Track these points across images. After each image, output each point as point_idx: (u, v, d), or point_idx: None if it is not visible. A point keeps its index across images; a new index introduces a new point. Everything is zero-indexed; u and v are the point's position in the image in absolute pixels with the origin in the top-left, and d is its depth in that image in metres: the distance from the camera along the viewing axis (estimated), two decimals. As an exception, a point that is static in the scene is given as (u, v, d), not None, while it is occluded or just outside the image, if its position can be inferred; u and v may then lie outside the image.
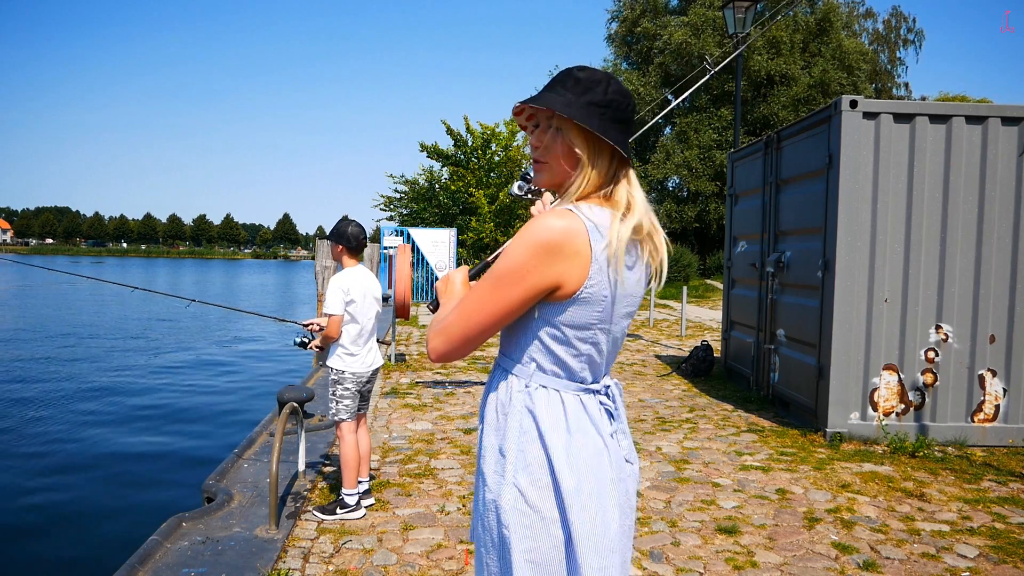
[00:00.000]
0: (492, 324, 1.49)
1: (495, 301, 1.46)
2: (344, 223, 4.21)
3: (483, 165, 22.83)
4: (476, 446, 1.69)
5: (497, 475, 1.51)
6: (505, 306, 1.46)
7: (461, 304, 1.51)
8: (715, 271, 28.46)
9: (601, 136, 1.47)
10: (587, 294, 1.46)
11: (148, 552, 3.51)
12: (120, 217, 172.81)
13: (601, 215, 1.48)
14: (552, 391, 1.52)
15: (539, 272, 1.43)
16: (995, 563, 3.64)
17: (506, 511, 1.47)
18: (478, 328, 1.49)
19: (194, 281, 50.09)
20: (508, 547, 1.47)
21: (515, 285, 1.44)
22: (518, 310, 1.48)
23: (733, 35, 11.50)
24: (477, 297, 1.48)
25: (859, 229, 5.78)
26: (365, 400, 4.34)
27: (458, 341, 1.50)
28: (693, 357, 9.15)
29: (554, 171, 1.54)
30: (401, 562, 3.57)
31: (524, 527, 1.46)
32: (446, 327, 1.51)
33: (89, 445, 8.23)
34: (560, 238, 1.42)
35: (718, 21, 27.31)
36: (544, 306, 1.49)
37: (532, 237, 1.43)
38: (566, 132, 1.50)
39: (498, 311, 1.47)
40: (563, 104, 1.47)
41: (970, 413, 5.83)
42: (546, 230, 1.43)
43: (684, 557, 3.68)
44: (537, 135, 1.55)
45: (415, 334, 12.93)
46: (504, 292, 1.45)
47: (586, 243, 1.44)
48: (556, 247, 1.42)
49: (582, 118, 1.46)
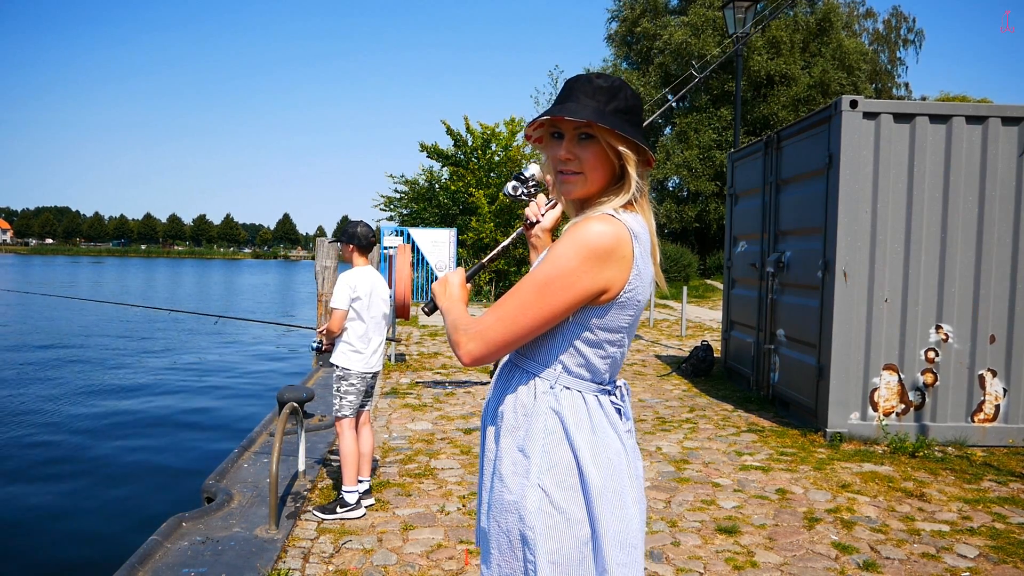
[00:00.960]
0: (536, 328, 1.48)
1: (541, 306, 1.46)
2: (352, 224, 4.38)
3: (483, 165, 22.83)
4: (481, 448, 1.66)
5: (519, 477, 1.51)
6: (551, 311, 1.46)
7: (502, 308, 1.49)
8: (715, 271, 28.47)
9: (638, 142, 1.50)
10: (625, 298, 1.50)
11: (148, 552, 3.51)
12: (120, 217, 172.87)
13: (635, 221, 1.52)
14: (575, 392, 1.54)
15: (589, 278, 1.44)
16: (995, 563, 3.64)
17: (531, 512, 1.48)
18: (522, 332, 1.48)
19: (194, 282, 50.09)
20: (532, 548, 1.47)
21: (564, 291, 1.45)
22: (563, 315, 1.48)
23: (733, 35, 11.51)
24: (520, 301, 1.47)
25: (859, 229, 5.78)
26: (369, 396, 4.38)
27: (498, 344, 1.48)
28: (693, 357, 9.15)
29: (589, 181, 1.54)
30: (401, 562, 3.57)
31: (549, 528, 1.47)
32: (484, 331, 1.48)
33: (89, 445, 8.23)
34: (612, 244, 1.45)
35: (718, 21, 27.32)
36: (583, 309, 1.50)
37: (583, 243, 1.44)
38: (602, 141, 1.50)
39: (543, 316, 1.46)
40: (597, 114, 1.47)
41: (970, 413, 5.83)
42: (598, 236, 1.44)
43: (684, 557, 3.68)
44: (566, 147, 1.53)
45: (415, 334, 12.93)
46: (552, 298, 1.45)
47: (630, 248, 1.48)
48: (607, 253, 1.45)
49: (618, 126, 1.47)
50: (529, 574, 1.48)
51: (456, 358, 1.55)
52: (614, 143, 1.50)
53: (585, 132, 1.50)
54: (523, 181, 1.81)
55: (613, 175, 1.54)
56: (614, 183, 1.55)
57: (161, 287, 41.95)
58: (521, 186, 1.81)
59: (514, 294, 1.49)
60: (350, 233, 4.33)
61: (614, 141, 1.49)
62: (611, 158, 1.51)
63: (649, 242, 1.55)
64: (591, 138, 1.51)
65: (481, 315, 1.51)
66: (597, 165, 1.52)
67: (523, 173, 1.82)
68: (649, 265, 1.54)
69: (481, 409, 1.85)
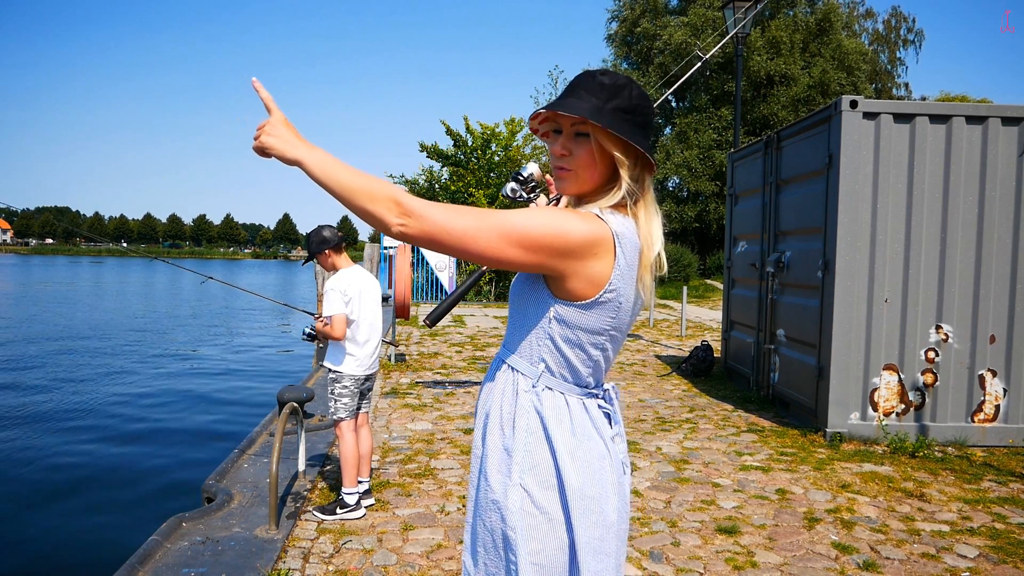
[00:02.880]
0: (466, 253, 1.35)
1: (493, 223, 1.34)
2: (313, 234, 4.21)
3: (483, 165, 22.83)
4: (472, 445, 1.64)
5: (502, 475, 1.49)
6: (494, 255, 1.36)
7: (458, 216, 1.33)
8: (715, 271, 28.45)
9: (632, 143, 1.44)
10: (605, 298, 1.45)
11: (148, 552, 3.51)
12: (120, 217, 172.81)
13: (622, 223, 1.47)
14: (558, 394, 1.51)
15: (545, 254, 1.38)
16: (995, 563, 3.64)
17: (512, 512, 1.45)
18: (458, 231, 1.32)
19: (195, 283, 50.08)
20: (513, 548, 1.45)
21: (520, 247, 1.36)
22: (511, 256, 1.37)
23: (731, 24, 11.52)
24: (480, 211, 1.35)
25: (859, 229, 5.78)
26: (365, 398, 4.35)
27: (428, 236, 1.32)
28: (693, 357, 9.15)
29: (581, 179, 1.50)
30: (401, 562, 3.57)
31: (530, 528, 1.45)
32: (427, 218, 1.30)
33: (89, 445, 8.23)
34: (584, 237, 1.40)
35: (718, 21, 27.31)
36: (562, 307, 1.46)
37: (559, 223, 1.38)
38: (593, 139, 1.46)
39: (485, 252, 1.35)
40: (592, 111, 1.43)
41: (970, 413, 5.83)
42: (571, 226, 1.39)
43: (684, 557, 3.68)
44: (562, 143, 1.49)
45: (415, 334, 12.93)
46: (504, 243, 1.35)
47: (611, 247, 1.43)
48: (577, 244, 1.39)
49: (612, 125, 1.43)
50: (512, 575, 1.46)
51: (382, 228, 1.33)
52: (604, 142, 1.45)
53: (580, 129, 1.47)
54: (521, 182, 1.78)
55: (608, 175, 1.50)
56: (610, 183, 1.51)
57: (161, 289, 41.96)
58: (520, 188, 1.77)
59: (478, 217, 1.35)
60: (317, 241, 4.16)
61: (605, 140, 1.45)
62: (605, 157, 1.47)
63: (638, 247, 1.48)
64: (586, 135, 1.46)
65: (422, 200, 1.33)
66: (589, 163, 1.47)
67: (521, 173, 1.78)
68: (635, 269, 1.48)
69: None
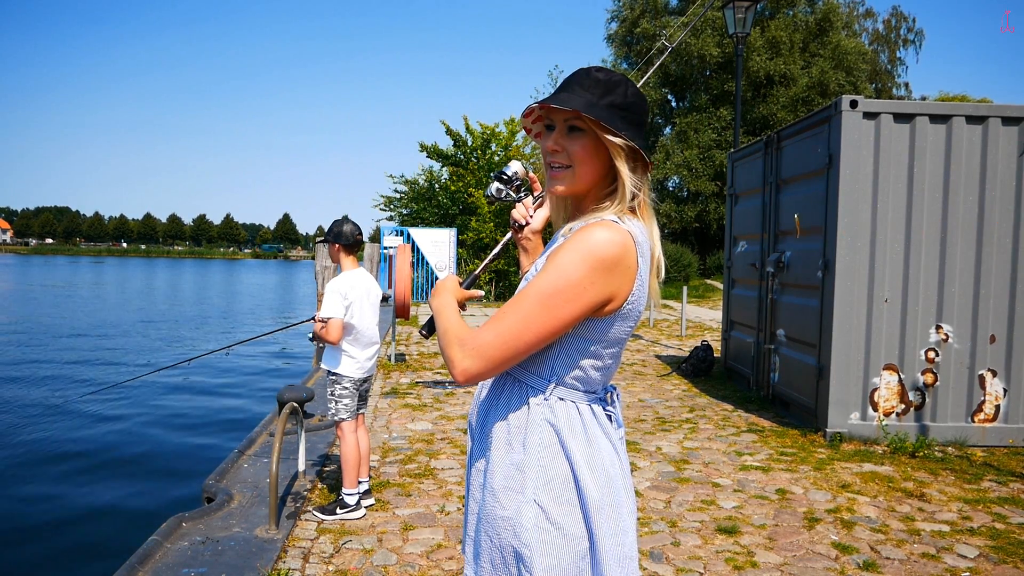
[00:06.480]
0: (538, 344, 1.39)
1: (545, 319, 1.37)
2: (338, 223, 4.27)
3: (483, 165, 22.84)
4: (469, 456, 1.60)
5: (513, 492, 1.45)
6: (556, 325, 1.38)
7: (502, 322, 1.38)
8: (715, 271, 28.46)
9: (627, 139, 1.42)
10: (627, 309, 1.44)
11: (148, 552, 3.51)
12: (120, 217, 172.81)
13: (637, 228, 1.45)
14: (569, 403, 1.47)
15: (596, 288, 1.37)
16: (995, 563, 3.64)
17: (527, 529, 1.42)
18: (524, 348, 1.38)
19: (194, 283, 50.06)
20: (528, 565, 1.42)
21: (570, 303, 1.36)
22: (567, 328, 1.39)
23: (733, 35, 11.51)
24: (523, 315, 1.37)
25: (859, 229, 5.78)
26: (363, 400, 4.35)
27: (498, 362, 1.38)
28: (693, 357, 9.15)
29: (577, 176, 1.46)
30: (401, 562, 3.57)
31: (545, 544, 1.42)
32: (482, 347, 1.38)
33: (89, 445, 8.23)
34: (619, 253, 1.38)
35: (718, 21, 27.30)
36: (585, 321, 1.42)
37: (590, 251, 1.37)
38: (589, 134, 1.44)
39: (547, 330, 1.38)
40: (586, 105, 1.40)
41: (970, 413, 5.83)
42: (605, 244, 1.37)
43: (684, 557, 3.68)
44: (554, 138, 1.46)
45: (415, 334, 12.93)
46: (557, 310, 1.36)
47: (635, 258, 1.42)
48: (615, 262, 1.38)
49: (606, 119, 1.40)
50: None
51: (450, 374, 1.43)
52: (594, 138, 1.43)
53: (574, 124, 1.44)
54: (506, 181, 1.68)
55: (603, 172, 1.47)
56: (605, 182, 1.48)
57: (161, 288, 41.92)
58: (505, 187, 1.68)
59: (516, 307, 1.39)
60: (335, 232, 4.23)
61: (594, 136, 1.43)
62: (601, 153, 1.45)
63: (650, 252, 1.48)
64: (581, 131, 1.44)
65: (478, 328, 1.41)
66: (585, 159, 1.44)
67: (505, 172, 1.68)
68: (647, 275, 1.47)
69: None
